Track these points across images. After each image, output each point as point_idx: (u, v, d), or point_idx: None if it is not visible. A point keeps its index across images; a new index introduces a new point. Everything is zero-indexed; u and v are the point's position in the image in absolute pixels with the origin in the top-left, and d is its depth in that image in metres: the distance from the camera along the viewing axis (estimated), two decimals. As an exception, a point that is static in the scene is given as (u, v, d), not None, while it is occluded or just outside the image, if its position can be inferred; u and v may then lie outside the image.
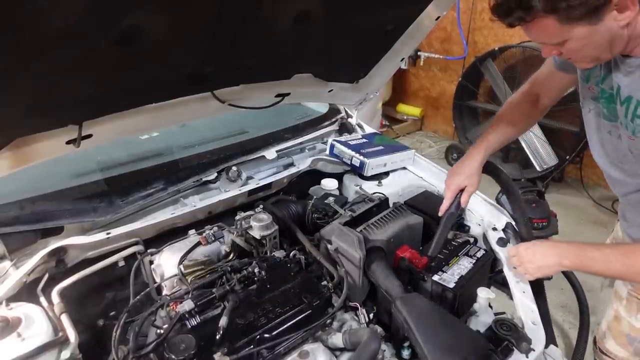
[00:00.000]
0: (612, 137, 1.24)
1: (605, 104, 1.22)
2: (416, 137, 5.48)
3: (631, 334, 1.40)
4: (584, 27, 0.99)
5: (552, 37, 1.05)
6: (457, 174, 1.50)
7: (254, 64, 1.49)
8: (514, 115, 1.55)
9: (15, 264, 1.27)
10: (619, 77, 1.14)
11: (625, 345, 1.42)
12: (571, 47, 1.05)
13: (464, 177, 1.48)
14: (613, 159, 1.28)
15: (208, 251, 1.41)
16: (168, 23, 1.10)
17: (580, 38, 1.02)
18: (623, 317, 1.41)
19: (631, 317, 1.39)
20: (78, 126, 1.25)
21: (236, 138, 1.96)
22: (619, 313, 1.42)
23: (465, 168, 1.49)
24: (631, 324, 1.39)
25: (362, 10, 1.47)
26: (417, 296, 1.22)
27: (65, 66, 1.04)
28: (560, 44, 1.06)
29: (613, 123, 1.21)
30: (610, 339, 1.46)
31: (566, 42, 1.05)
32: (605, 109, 1.22)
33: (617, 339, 1.44)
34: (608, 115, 1.22)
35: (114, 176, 1.63)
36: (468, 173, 1.48)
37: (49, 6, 0.85)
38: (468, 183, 1.48)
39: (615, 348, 1.45)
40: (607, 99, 1.20)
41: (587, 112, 1.32)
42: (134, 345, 1.06)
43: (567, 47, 1.06)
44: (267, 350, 1.10)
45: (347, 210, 1.56)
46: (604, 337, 1.48)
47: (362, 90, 2.03)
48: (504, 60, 4.07)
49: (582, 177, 4.08)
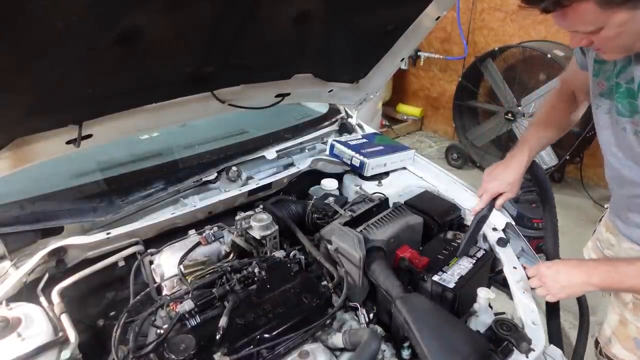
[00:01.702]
0: (628, 134, 1.17)
1: (621, 99, 1.15)
2: (416, 137, 5.48)
3: (639, 338, 1.37)
4: (624, 12, 0.93)
5: (590, 23, 0.98)
6: (498, 179, 1.45)
7: (254, 64, 1.49)
8: (555, 116, 1.52)
9: (15, 264, 1.27)
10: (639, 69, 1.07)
11: (633, 349, 1.39)
12: (607, 34, 0.98)
13: (505, 184, 1.44)
14: (629, 157, 1.22)
15: (208, 251, 1.41)
16: (168, 23, 1.10)
17: (618, 25, 0.95)
18: (630, 321, 1.38)
19: (638, 321, 1.36)
20: (78, 126, 1.25)
21: (236, 138, 1.96)
22: (624, 318, 1.40)
23: (507, 175, 1.44)
24: (638, 328, 1.37)
25: (362, 10, 1.47)
26: (417, 296, 1.22)
27: (65, 66, 1.04)
28: (595, 31, 0.99)
29: (631, 119, 1.14)
30: (617, 344, 1.43)
31: (602, 30, 0.98)
32: (620, 104, 1.16)
33: (624, 343, 1.41)
34: (624, 111, 1.16)
35: (114, 176, 1.63)
36: (511, 180, 1.44)
37: (49, 6, 0.85)
38: (509, 190, 1.45)
39: (623, 353, 1.42)
40: (623, 94, 1.14)
41: (595, 109, 1.28)
42: (134, 345, 1.06)
43: (602, 34, 0.99)
44: (267, 350, 1.10)
45: (347, 210, 1.56)
46: (609, 342, 1.45)
47: (362, 90, 2.03)
48: (504, 60, 4.07)
49: (582, 177, 4.08)
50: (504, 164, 1.47)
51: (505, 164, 1.47)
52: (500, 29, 4.46)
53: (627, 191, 1.30)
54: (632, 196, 1.29)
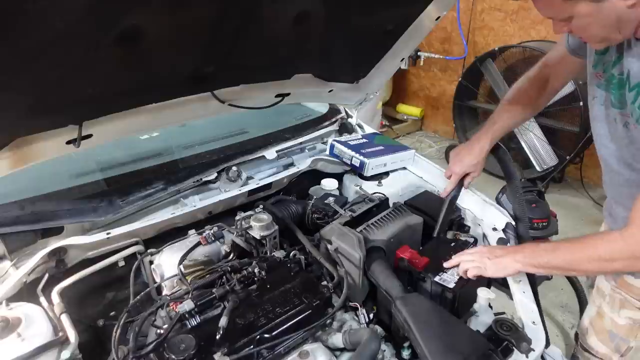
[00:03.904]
0: (618, 125, 1.21)
1: (614, 90, 1.19)
2: (416, 137, 5.48)
3: (613, 331, 1.40)
4: (587, 4, 0.99)
5: (557, 12, 1.06)
6: (462, 160, 1.55)
7: (254, 64, 1.49)
8: (522, 99, 1.55)
9: (15, 264, 1.27)
10: (631, 62, 1.11)
11: (607, 341, 1.42)
12: (578, 24, 1.06)
13: (470, 165, 1.54)
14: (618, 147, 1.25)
15: (208, 251, 1.41)
16: (168, 23, 1.10)
17: (584, 15, 1.02)
18: (606, 313, 1.41)
19: (614, 313, 1.39)
20: (78, 126, 1.25)
21: (236, 138, 1.95)
22: (602, 310, 1.42)
23: (471, 155, 1.54)
24: (614, 321, 1.39)
25: (362, 10, 1.47)
26: (417, 296, 1.22)
27: (65, 66, 1.04)
28: (568, 19, 1.06)
29: (622, 110, 1.18)
30: (593, 335, 1.46)
31: (573, 19, 1.05)
32: (613, 96, 1.20)
33: (599, 335, 1.44)
34: (616, 103, 1.20)
35: (114, 176, 1.62)
36: (474, 161, 1.54)
37: (49, 6, 0.85)
38: (473, 170, 1.55)
39: (597, 344, 1.45)
40: (616, 85, 1.18)
41: (591, 99, 1.31)
42: (134, 345, 1.06)
43: (574, 24, 1.06)
44: (267, 350, 1.10)
45: (347, 210, 1.56)
46: (587, 332, 1.48)
47: (362, 90, 2.03)
48: (504, 60, 4.07)
49: (582, 177, 4.08)
50: (469, 147, 1.57)
51: (470, 146, 1.56)
52: (500, 29, 4.46)
53: (615, 182, 1.33)
54: (619, 185, 1.31)
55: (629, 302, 1.34)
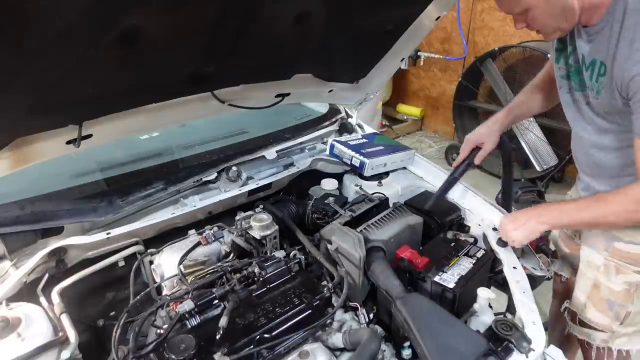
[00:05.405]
0: (582, 105, 1.36)
1: (574, 77, 1.35)
2: (416, 137, 5.48)
3: (611, 298, 1.42)
4: None
5: (513, 6, 1.22)
6: (477, 132, 1.65)
7: (254, 64, 1.49)
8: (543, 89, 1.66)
9: (15, 264, 1.27)
10: (582, 46, 1.27)
11: (606, 311, 1.44)
12: (533, 15, 1.21)
13: (482, 134, 1.63)
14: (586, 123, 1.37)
15: (208, 251, 1.41)
16: (168, 23, 1.10)
17: (536, 7, 1.19)
18: (602, 282, 1.44)
19: (610, 280, 1.41)
20: (78, 126, 1.25)
21: (236, 138, 1.96)
22: (597, 280, 1.45)
23: (487, 127, 1.64)
24: (610, 289, 1.42)
25: (362, 10, 1.47)
26: (417, 296, 1.22)
27: (65, 66, 1.04)
28: (524, 13, 1.22)
29: (584, 92, 1.33)
30: (591, 307, 1.48)
31: (529, 12, 1.20)
32: (573, 82, 1.36)
33: (598, 306, 1.46)
34: (576, 87, 1.36)
35: (114, 176, 1.63)
36: (488, 132, 1.63)
37: (49, 6, 0.85)
38: (486, 140, 1.62)
39: (596, 315, 1.47)
40: (574, 72, 1.34)
41: (559, 89, 1.45)
42: (134, 345, 1.06)
43: (530, 16, 1.22)
44: (267, 350, 1.10)
45: (347, 210, 1.56)
46: (584, 307, 1.50)
47: (362, 90, 2.03)
48: (504, 60, 4.07)
49: (582, 177, 4.08)
50: (486, 121, 1.68)
51: (487, 121, 1.68)
52: (500, 29, 4.46)
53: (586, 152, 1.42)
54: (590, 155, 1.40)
55: (623, 267, 1.39)
